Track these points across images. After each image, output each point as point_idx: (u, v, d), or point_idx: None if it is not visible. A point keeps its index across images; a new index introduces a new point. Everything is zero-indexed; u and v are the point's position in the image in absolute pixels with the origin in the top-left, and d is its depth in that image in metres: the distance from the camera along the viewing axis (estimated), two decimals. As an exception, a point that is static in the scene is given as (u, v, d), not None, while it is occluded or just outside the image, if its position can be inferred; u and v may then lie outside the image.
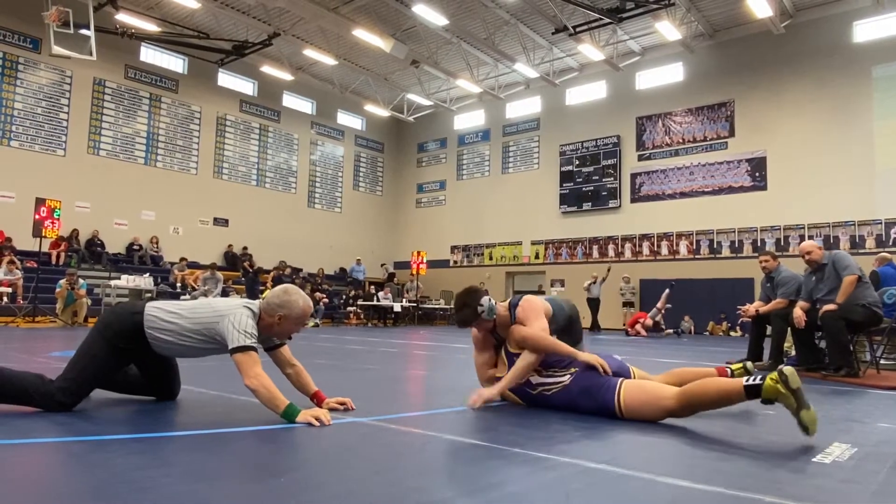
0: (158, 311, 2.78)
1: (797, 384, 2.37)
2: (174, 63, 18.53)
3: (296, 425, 2.51)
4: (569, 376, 2.95)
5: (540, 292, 19.88)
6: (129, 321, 2.73)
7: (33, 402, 2.61)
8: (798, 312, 5.33)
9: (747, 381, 2.49)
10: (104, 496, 1.59)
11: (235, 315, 2.66)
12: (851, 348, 5.22)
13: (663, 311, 14.98)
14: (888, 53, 14.95)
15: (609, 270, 16.74)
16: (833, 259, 5.37)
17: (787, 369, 2.40)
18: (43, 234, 12.20)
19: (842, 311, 5.10)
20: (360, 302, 18.71)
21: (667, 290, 15.23)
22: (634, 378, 3.02)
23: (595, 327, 16.01)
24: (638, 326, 14.60)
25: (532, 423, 2.68)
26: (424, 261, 19.51)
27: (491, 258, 21.71)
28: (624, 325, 15.75)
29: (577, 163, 19.79)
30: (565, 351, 3.00)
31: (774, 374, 2.41)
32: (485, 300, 3.25)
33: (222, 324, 2.65)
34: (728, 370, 3.37)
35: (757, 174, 16.57)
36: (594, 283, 16.31)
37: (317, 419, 2.55)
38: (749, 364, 3.43)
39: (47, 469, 1.92)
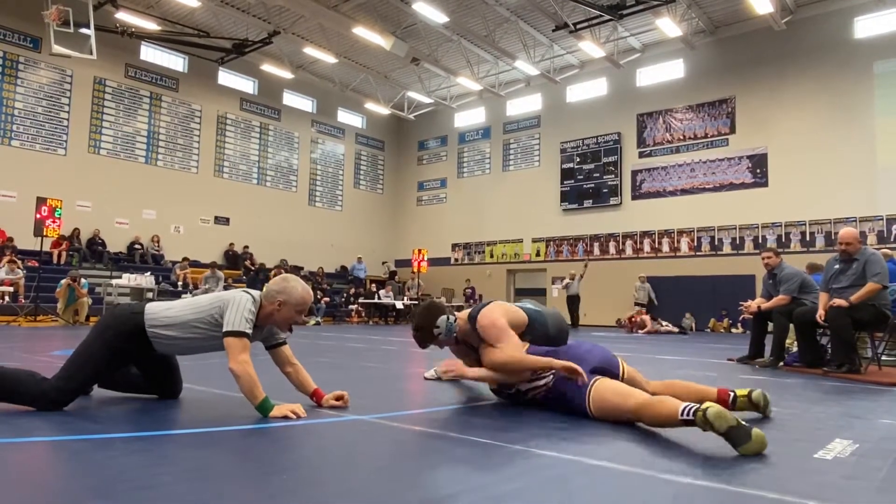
0: (159, 307, 2.79)
1: (725, 425, 2.18)
2: (174, 62, 18.53)
3: (295, 423, 2.51)
4: (551, 376, 2.87)
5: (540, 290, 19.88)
6: (130, 321, 2.73)
7: (25, 401, 2.59)
8: (821, 312, 5.22)
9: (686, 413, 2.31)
10: (106, 494, 1.59)
11: (237, 300, 2.69)
12: (855, 345, 5.22)
13: (663, 325, 15.09)
14: (889, 49, 14.92)
15: (586, 267, 16.69)
16: (867, 259, 5.21)
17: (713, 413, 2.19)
18: (44, 234, 12.21)
19: (851, 309, 5.07)
20: (361, 300, 18.72)
21: (679, 326, 15.53)
22: (623, 371, 2.91)
23: (574, 324, 15.97)
24: (647, 317, 14.83)
25: (533, 420, 2.68)
26: (425, 259, 19.52)
27: (492, 256, 21.70)
28: (627, 321, 15.76)
29: (578, 160, 19.78)
30: (543, 364, 2.82)
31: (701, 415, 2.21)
32: (441, 321, 3.06)
33: (223, 307, 2.69)
34: (731, 395, 2.90)
35: (758, 171, 16.55)
36: (572, 280, 16.34)
37: (293, 412, 2.61)
38: (756, 393, 2.89)
39: (50, 467, 1.93)
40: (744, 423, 2.19)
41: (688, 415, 2.27)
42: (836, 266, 5.46)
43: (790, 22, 15.84)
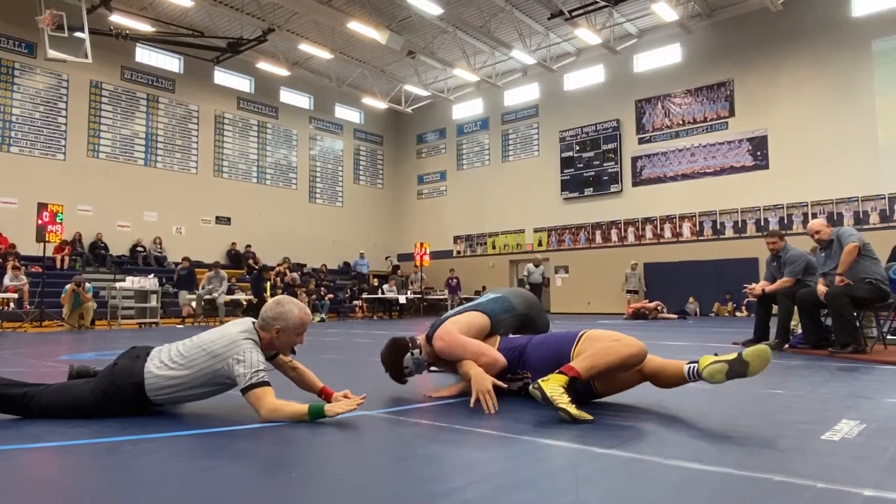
0: (159, 375, 2.58)
1: (723, 377, 2.45)
2: (170, 63, 18.49)
3: (302, 420, 2.52)
4: (529, 378, 2.93)
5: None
6: (131, 390, 2.59)
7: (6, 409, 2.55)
8: (821, 288, 5.32)
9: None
10: (116, 497, 1.60)
11: (238, 353, 2.54)
12: (858, 324, 5.22)
13: (659, 308, 15.03)
14: (888, 27, 14.82)
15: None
16: (838, 234, 5.42)
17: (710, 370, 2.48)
18: (46, 239, 12.22)
19: (846, 288, 5.09)
20: (364, 295, 18.74)
21: (675, 315, 15.37)
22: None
23: None
24: (651, 304, 14.81)
25: (539, 410, 2.68)
26: (427, 252, 19.52)
27: (494, 247, 21.70)
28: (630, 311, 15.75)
29: (578, 148, 19.73)
30: (466, 373, 2.91)
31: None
32: (407, 359, 3.11)
33: (227, 365, 2.54)
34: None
35: (758, 153, 16.50)
36: (536, 267, 15.44)
37: (345, 398, 2.74)
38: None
39: (60, 472, 1.94)
40: (731, 357, 2.45)
41: (693, 376, 2.57)
42: (822, 255, 5.63)
43: (787, 2, 15.73)
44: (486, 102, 22.29)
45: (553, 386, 2.49)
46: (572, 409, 2.40)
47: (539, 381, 2.54)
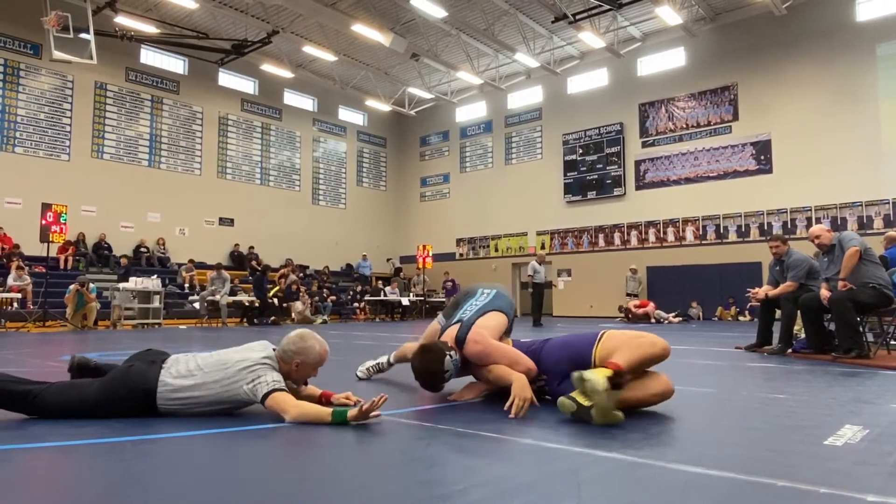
0: (174, 385, 2.60)
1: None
2: (174, 64, 18.55)
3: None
4: (542, 381, 2.97)
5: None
6: (141, 395, 2.60)
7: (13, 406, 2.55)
8: (824, 293, 5.32)
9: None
10: (117, 498, 1.60)
11: (258, 377, 2.60)
12: (861, 329, 5.20)
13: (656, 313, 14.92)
14: (892, 31, 14.80)
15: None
16: (840, 239, 5.41)
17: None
18: (50, 240, 12.25)
19: (849, 293, 5.07)
20: (367, 297, 18.74)
21: (679, 317, 15.19)
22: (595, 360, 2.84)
23: (537, 322, 13.23)
24: (650, 308, 14.78)
25: (542, 414, 2.68)
26: (430, 254, 19.52)
27: (497, 249, 21.69)
28: (622, 310, 15.86)
29: (581, 151, 19.72)
30: (501, 377, 2.92)
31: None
32: (447, 362, 2.99)
33: (244, 389, 2.58)
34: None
35: (762, 157, 16.47)
36: (541, 265, 13.51)
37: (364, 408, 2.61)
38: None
39: (61, 472, 1.94)
40: (588, 403, 2.45)
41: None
42: (825, 259, 5.64)
43: (791, 7, 15.72)
44: (490, 105, 22.30)
45: (599, 378, 2.48)
46: (611, 404, 2.44)
47: (582, 372, 2.53)
